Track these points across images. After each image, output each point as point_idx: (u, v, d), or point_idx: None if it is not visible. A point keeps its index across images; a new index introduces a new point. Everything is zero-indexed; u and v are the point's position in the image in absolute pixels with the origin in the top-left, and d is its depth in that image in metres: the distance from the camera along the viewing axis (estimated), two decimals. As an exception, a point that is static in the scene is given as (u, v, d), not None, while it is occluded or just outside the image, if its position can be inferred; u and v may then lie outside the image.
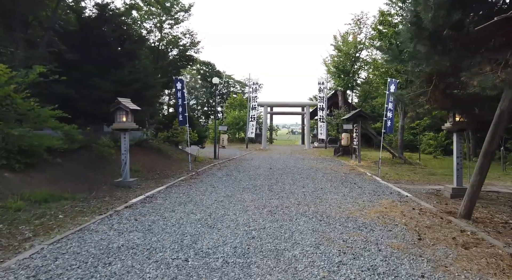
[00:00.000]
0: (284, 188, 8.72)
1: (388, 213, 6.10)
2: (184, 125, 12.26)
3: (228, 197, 7.52)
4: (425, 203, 6.97)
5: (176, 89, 11.58)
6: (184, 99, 11.76)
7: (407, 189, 8.63)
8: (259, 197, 7.52)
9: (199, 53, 17.40)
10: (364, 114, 14.69)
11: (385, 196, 7.73)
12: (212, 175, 10.97)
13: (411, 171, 12.53)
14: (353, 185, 9.19)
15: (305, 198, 7.46)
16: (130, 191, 8.22)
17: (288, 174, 11.26)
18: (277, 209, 6.41)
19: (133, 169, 10.41)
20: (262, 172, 11.72)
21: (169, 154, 13.92)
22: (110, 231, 5.06)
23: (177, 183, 9.36)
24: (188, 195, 7.77)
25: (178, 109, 11.70)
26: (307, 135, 29.99)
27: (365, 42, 18.36)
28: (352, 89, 19.66)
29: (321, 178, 10.46)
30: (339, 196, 7.68)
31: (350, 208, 6.48)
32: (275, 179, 10.11)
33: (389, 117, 10.72)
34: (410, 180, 10.50)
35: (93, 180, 8.69)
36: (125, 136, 8.83)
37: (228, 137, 37.75)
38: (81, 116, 11.54)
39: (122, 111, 8.71)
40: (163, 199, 7.34)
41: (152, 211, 6.24)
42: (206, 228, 5.24)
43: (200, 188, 8.68)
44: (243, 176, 10.74)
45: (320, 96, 27.54)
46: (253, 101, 28.28)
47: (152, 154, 12.84)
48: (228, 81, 51.79)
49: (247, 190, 8.42)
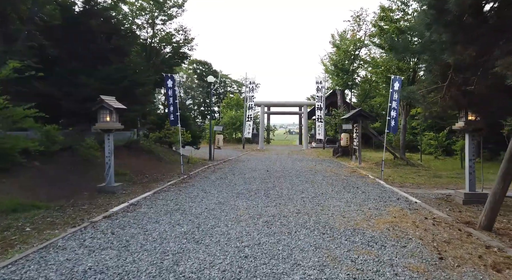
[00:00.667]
0: (282, 193, 8.00)
1: (398, 224, 5.39)
2: (175, 125, 11.52)
3: (220, 204, 6.79)
4: (438, 211, 6.27)
5: (167, 87, 10.84)
6: (175, 97, 11.02)
7: (415, 194, 7.94)
8: (254, 204, 6.79)
9: (193, 50, 16.70)
10: (364, 113, 14.01)
11: (392, 202, 7.03)
12: (205, 179, 10.24)
13: (415, 173, 11.85)
14: (356, 189, 8.49)
15: (305, 205, 6.75)
16: (113, 197, 7.47)
17: (286, 177, 10.54)
18: (274, 219, 5.69)
19: (120, 173, 9.68)
20: (258, 175, 11.00)
21: (161, 155, 13.17)
22: (79, 248, 4.32)
23: (166, 188, 8.62)
24: (176, 202, 7.03)
25: (169, 108, 10.96)
26: (305, 136, 29.31)
27: (365, 40, 17.68)
28: (351, 89, 18.96)
29: (321, 181, 9.75)
30: (342, 202, 6.97)
31: (356, 218, 5.77)
32: (272, 183, 9.39)
33: (392, 117, 10.03)
34: (415, 183, 9.81)
35: (74, 185, 7.94)
36: (109, 137, 8.08)
37: (224, 137, 37.09)
38: (65, 116, 10.78)
39: (106, 111, 7.96)
40: (148, 207, 6.60)
41: (134, 222, 5.50)
42: (192, 243, 4.51)
43: (190, 193, 7.95)
44: (238, 179, 10.02)
45: (318, 95, 26.84)
46: (249, 100, 27.56)
47: (142, 156, 12.09)
48: (225, 81, 51.04)
49: (241, 195, 7.69)
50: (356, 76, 18.26)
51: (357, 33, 17.86)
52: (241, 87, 49.49)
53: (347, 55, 18.00)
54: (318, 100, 26.75)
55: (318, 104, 26.73)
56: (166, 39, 16.31)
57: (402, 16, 14.12)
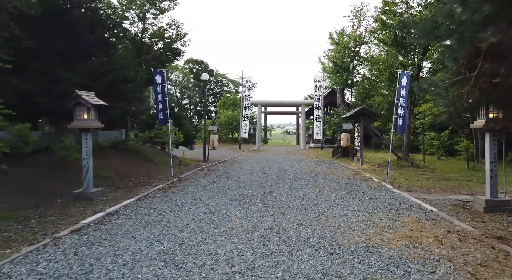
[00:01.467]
0: (280, 199, 7.12)
1: (418, 239, 4.53)
2: (165, 124, 10.61)
3: (211, 214, 5.90)
4: (459, 222, 5.41)
5: (155, 82, 9.92)
6: (164, 94, 10.10)
7: (428, 200, 7.08)
8: (249, 214, 5.91)
9: (186, 46, 15.80)
10: (367, 112, 13.17)
11: (405, 211, 6.16)
12: (196, 182, 9.33)
13: (422, 176, 11.01)
14: (361, 195, 7.62)
15: (307, 214, 5.87)
16: (90, 205, 6.55)
17: (284, 180, 9.67)
18: (272, 233, 4.81)
19: (103, 176, 8.77)
20: (255, 178, 10.12)
21: (150, 157, 12.24)
22: (27, 276, 3.42)
23: (152, 194, 7.71)
24: (160, 210, 6.13)
25: (157, 106, 10.05)
26: (303, 136, 28.47)
27: (366, 36, 16.87)
28: (351, 87, 18.10)
29: (323, 185, 8.88)
30: (348, 211, 6.09)
31: (367, 231, 4.90)
32: (269, 187, 8.51)
33: (400, 115, 9.18)
34: (424, 187, 8.96)
35: (47, 191, 7.01)
36: (87, 137, 7.16)
37: (221, 137, 36.17)
38: (44, 115, 9.86)
39: (83, 107, 7.04)
40: (127, 217, 5.70)
41: (105, 238, 4.60)
42: (171, 268, 3.62)
43: (178, 200, 7.04)
44: (232, 183, 9.13)
45: (316, 94, 26.00)
46: (246, 100, 26.69)
47: (130, 157, 11.16)
48: (221, 81, 50.12)
49: (235, 202, 6.80)
50: (356, 74, 17.42)
51: (357, 29, 17.06)
52: (238, 87, 48.61)
53: (347, 52, 17.16)
54: (316, 99, 25.91)
55: (316, 104, 25.89)
56: (158, 34, 15.39)
57: (406, 10, 13.28)
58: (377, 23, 14.05)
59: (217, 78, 49.72)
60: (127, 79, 10.61)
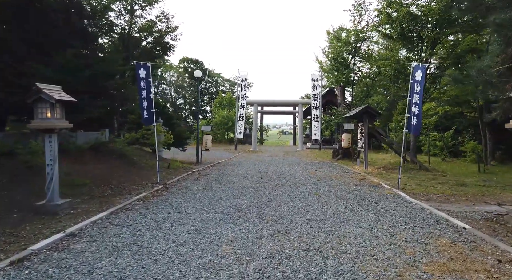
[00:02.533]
0: (280, 212, 5.96)
1: (466, 275, 3.40)
2: (150, 124, 9.41)
3: (196, 233, 4.74)
4: (505, 245, 4.30)
5: (139, 77, 8.72)
6: (149, 91, 8.90)
7: (453, 213, 5.97)
8: (243, 233, 4.75)
9: (177, 40, 14.61)
10: (372, 111, 12.06)
11: (432, 228, 5.04)
12: (184, 190, 8.15)
13: (434, 180, 9.93)
14: (374, 206, 6.49)
15: (314, 234, 4.72)
16: (51, 221, 5.35)
17: (284, 187, 8.52)
18: (272, 265, 3.66)
19: (77, 183, 7.59)
20: (250, 184, 8.96)
21: (136, 160, 11.02)
22: None
23: (131, 205, 6.52)
24: (135, 229, 4.95)
25: (141, 103, 8.84)
26: (300, 136, 27.35)
27: (367, 31, 15.77)
28: (352, 85, 17.02)
29: (328, 193, 7.74)
30: (364, 229, 4.96)
31: (394, 261, 3.76)
32: (267, 196, 7.35)
33: (414, 114, 8.06)
34: (441, 194, 7.86)
35: (3, 203, 5.80)
36: (51, 139, 5.96)
37: (216, 138, 34.94)
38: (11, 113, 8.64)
39: (45, 104, 5.83)
40: (91, 239, 4.52)
41: (51, 275, 3.42)
42: None
43: (159, 213, 5.87)
44: (224, 191, 7.96)
45: (314, 93, 24.86)
46: (242, 99, 25.51)
47: (112, 161, 9.95)
48: (217, 80, 48.89)
49: (227, 217, 5.64)
50: (358, 71, 16.33)
51: (358, 24, 15.98)
52: (233, 87, 47.40)
53: (348, 48, 16.07)
54: (314, 98, 24.78)
55: (314, 103, 24.75)
56: (147, 28, 14.17)
57: (413, 1, 12.18)
58: (381, 16, 12.95)
59: (212, 77, 48.48)
60: (110, 75, 9.39)
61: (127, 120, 14.23)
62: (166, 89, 46.74)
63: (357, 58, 16.10)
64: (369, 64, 16.71)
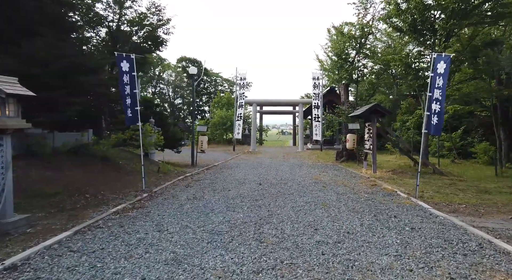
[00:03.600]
0: (283, 231, 4.82)
1: None
2: (134, 123, 8.25)
3: (175, 265, 3.60)
4: None
5: (121, 71, 7.56)
6: (134, 86, 7.76)
7: (494, 232, 4.84)
8: (235, 265, 3.61)
9: (170, 34, 13.45)
10: (381, 109, 10.91)
11: (478, 256, 3.90)
12: (172, 199, 7.01)
13: (452, 186, 8.80)
14: (396, 221, 5.35)
15: (328, 266, 3.58)
16: (-5, 246, 4.21)
17: (286, 196, 7.38)
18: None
19: (48, 193, 6.49)
20: (248, 192, 7.82)
21: (121, 164, 9.86)
22: None
23: (103, 220, 5.37)
24: (97, 259, 3.81)
25: (124, 101, 7.69)
26: (301, 136, 26.22)
27: (372, 25, 14.64)
28: (357, 83, 15.87)
29: (337, 203, 6.60)
30: (391, 258, 3.82)
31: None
32: (267, 208, 6.21)
33: (435, 111, 6.92)
34: (468, 204, 6.73)
35: None
36: (1, 142, 4.81)
37: (214, 138, 33.79)
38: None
39: (-7, 99, 4.69)
40: (34, 276, 3.37)
41: None
42: None
43: (134, 233, 4.72)
44: (217, 201, 6.82)
45: (315, 92, 23.75)
46: (240, 98, 24.38)
47: (94, 165, 8.79)
48: (215, 80, 47.76)
49: (216, 238, 4.50)
50: (362, 68, 15.20)
51: (363, 18, 14.85)
52: (232, 86, 46.20)
53: (353, 43, 14.95)
54: (315, 98, 23.67)
55: (315, 102, 23.64)
56: (137, 21, 13.02)
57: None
58: (390, 8, 11.81)
59: (211, 77, 47.35)
60: (90, 69, 8.25)
61: (117, 120, 13.08)
62: (164, 89, 45.60)
63: (362, 55, 14.94)
64: (374, 60, 15.52)
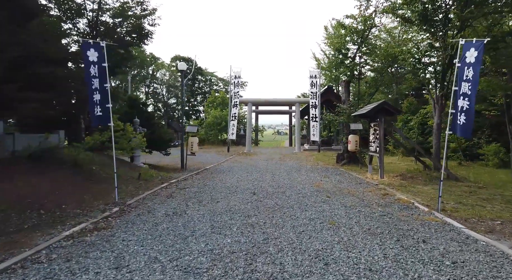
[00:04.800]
0: (283, 266, 3.55)
1: None
2: (104, 124, 6.93)
3: None
4: None
5: (87, 61, 6.24)
6: (104, 80, 6.44)
7: None
8: None
9: (155, 25, 12.12)
10: (389, 108, 9.67)
11: None
12: (146, 216, 5.70)
13: (474, 195, 7.59)
14: (426, 248, 4.10)
15: None
16: None
17: (284, 210, 6.11)
18: None
19: (-12, 209, 5.10)
20: (239, 205, 6.53)
21: (95, 170, 8.51)
22: None
23: (48, 250, 4.06)
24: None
25: (91, 96, 6.35)
26: (297, 137, 25.02)
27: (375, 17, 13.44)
28: (359, 79, 14.65)
29: (347, 221, 5.34)
30: (444, 321, 2.56)
31: None
32: (262, 229, 4.92)
33: (462, 109, 5.69)
34: (501, 220, 5.50)
35: None
36: None
37: (208, 139, 32.43)
38: None
39: None
40: None
41: None
42: None
43: (82, 272, 3.42)
44: (201, 218, 5.54)
45: (312, 91, 22.59)
46: (234, 97, 23.11)
47: (60, 173, 7.45)
48: (210, 79, 46.40)
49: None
50: (365, 63, 13.97)
51: (366, 10, 13.65)
52: (227, 86, 44.87)
53: (354, 36, 13.72)
54: (313, 97, 22.50)
55: (312, 102, 22.47)
56: (120, 11, 11.68)
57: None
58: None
59: (206, 76, 45.98)
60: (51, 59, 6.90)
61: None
62: (158, 89, 44.15)
63: (363, 50, 13.73)
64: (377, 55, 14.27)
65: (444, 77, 10.16)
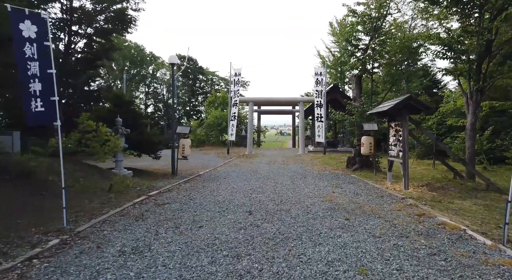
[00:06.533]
0: None
1: None
2: (47, 123, 5.17)
3: None
4: None
5: (19, 36, 4.48)
6: (48, 64, 4.70)
7: None
8: None
9: (139, 11, 10.39)
10: (416, 104, 7.81)
11: None
12: (92, 255, 3.92)
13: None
14: None
15: None
16: None
17: (289, 242, 4.30)
18: None
19: None
20: (228, 233, 4.74)
21: (51, 180, 6.71)
22: None
23: None
24: None
25: (26, 85, 4.59)
26: (301, 138, 23.15)
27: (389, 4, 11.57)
28: (372, 73, 12.81)
29: (383, 267, 3.53)
30: None
31: None
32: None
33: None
34: None
35: None
36: None
37: (209, 140, 30.63)
38: None
39: None
40: None
41: None
42: None
43: None
44: (169, 259, 3.75)
45: (317, 90, 20.76)
46: (234, 96, 21.36)
47: (2, 185, 5.70)
48: (212, 79, 44.67)
49: None
50: (378, 56, 12.11)
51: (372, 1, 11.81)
52: (229, 85, 43.23)
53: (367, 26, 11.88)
54: (318, 95, 20.67)
55: (317, 101, 20.64)
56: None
57: None
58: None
59: (207, 76, 44.27)
60: None
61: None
62: (158, 89, 42.52)
63: (377, 40, 11.91)
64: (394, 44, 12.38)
65: (479, 68, 8.31)
